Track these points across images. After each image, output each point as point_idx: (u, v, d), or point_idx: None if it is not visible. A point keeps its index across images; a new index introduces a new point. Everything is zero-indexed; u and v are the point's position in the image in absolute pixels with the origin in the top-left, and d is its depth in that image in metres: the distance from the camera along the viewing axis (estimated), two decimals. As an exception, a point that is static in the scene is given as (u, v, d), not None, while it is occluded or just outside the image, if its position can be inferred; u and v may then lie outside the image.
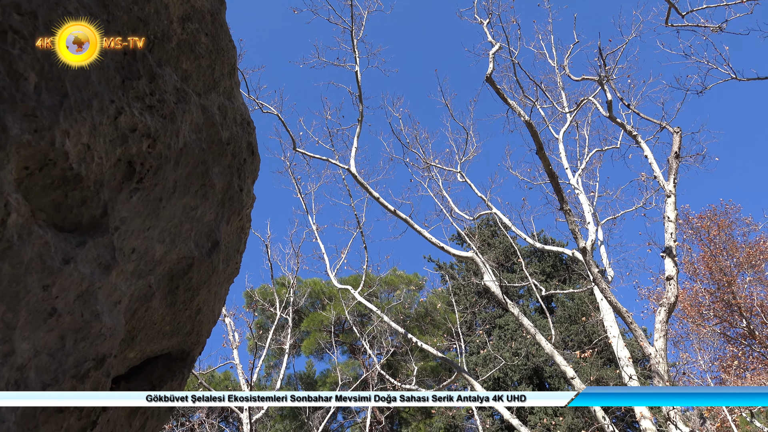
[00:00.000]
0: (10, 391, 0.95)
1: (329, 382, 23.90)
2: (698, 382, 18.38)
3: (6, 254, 0.91)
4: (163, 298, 1.43)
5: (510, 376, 20.84)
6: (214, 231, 1.55)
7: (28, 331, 0.98)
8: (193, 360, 1.69)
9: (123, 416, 1.40)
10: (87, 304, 1.09)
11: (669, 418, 9.28)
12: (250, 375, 13.67)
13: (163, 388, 1.53)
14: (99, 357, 1.14)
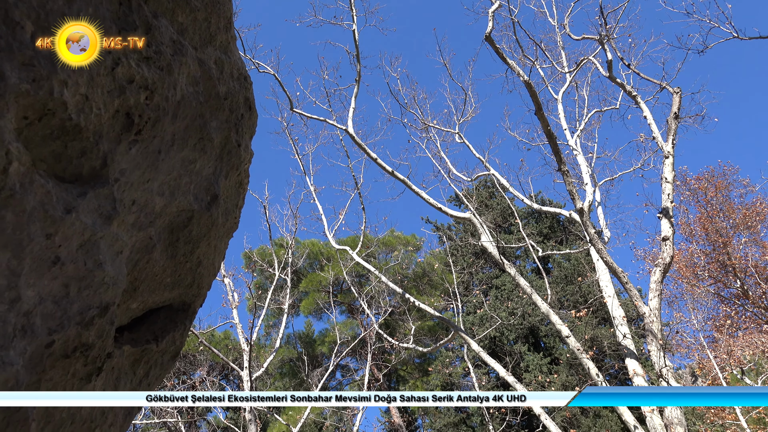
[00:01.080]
0: (18, 338, 0.98)
1: (328, 341, 24.25)
2: (691, 341, 18.69)
3: (8, 202, 0.92)
4: (164, 251, 1.46)
5: (506, 335, 21.15)
6: (213, 185, 1.57)
7: (33, 278, 1.00)
8: (195, 312, 1.73)
9: (127, 364, 1.44)
10: (89, 254, 1.11)
11: (661, 375, 9.47)
12: (250, 334, 13.83)
13: (165, 338, 1.56)
14: (103, 305, 1.16)
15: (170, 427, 13.56)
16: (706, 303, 21.33)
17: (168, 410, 16.22)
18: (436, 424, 22.55)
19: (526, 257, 25.19)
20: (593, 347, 17.09)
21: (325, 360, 25.07)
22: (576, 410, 17.08)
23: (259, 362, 20.73)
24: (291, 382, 24.68)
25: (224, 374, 24.06)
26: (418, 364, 25.39)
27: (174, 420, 14.15)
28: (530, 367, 19.45)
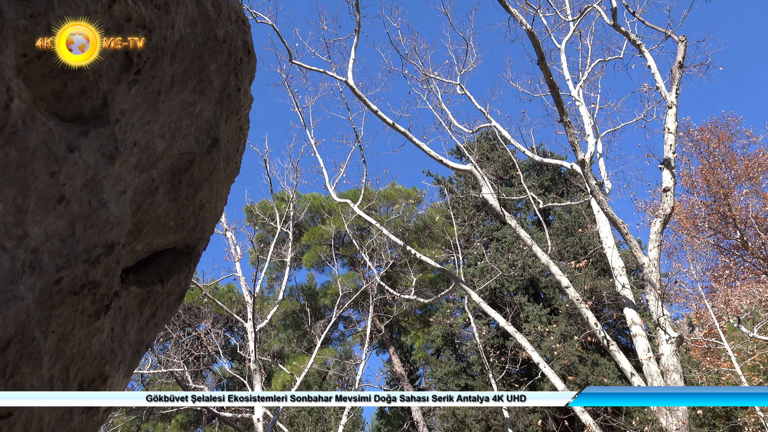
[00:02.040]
0: (27, 274, 1.00)
1: (330, 294, 24.54)
2: (689, 291, 18.90)
3: (12, 139, 0.93)
4: (167, 193, 1.47)
5: (506, 286, 21.38)
6: (214, 128, 1.57)
7: (39, 216, 1.02)
8: (198, 255, 1.75)
9: (134, 305, 1.47)
10: (93, 193, 1.13)
11: (659, 324, 9.61)
12: (253, 287, 13.97)
13: (171, 280, 1.59)
14: (108, 244, 1.18)
15: (177, 378, 13.84)
16: (705, 254, 21.48)
17: (174, 361, 16.57)
18: (437, 373, 23.02)
19: (527, 209, 25.25)
20: (592, 298, 17.29)
21: (328, 312, 25.44)
22: (574, 359, 17.41)
23: (263, 314, 21.04)
24: (294, 333, 25.11)
25: (228, 326, 24.45)
26: (419, 316, 25.77)
27: (180, 370, 14.44)
28: (530, 318, 19.74)
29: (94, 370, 1.28)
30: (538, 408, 18.16)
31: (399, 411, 27.20)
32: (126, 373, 1.46)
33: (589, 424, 10.03)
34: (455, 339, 23.49)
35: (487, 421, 19.64)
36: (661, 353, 9.30)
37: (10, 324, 0.94)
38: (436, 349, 24.47)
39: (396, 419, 27.10)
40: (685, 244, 21.52)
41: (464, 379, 21.99)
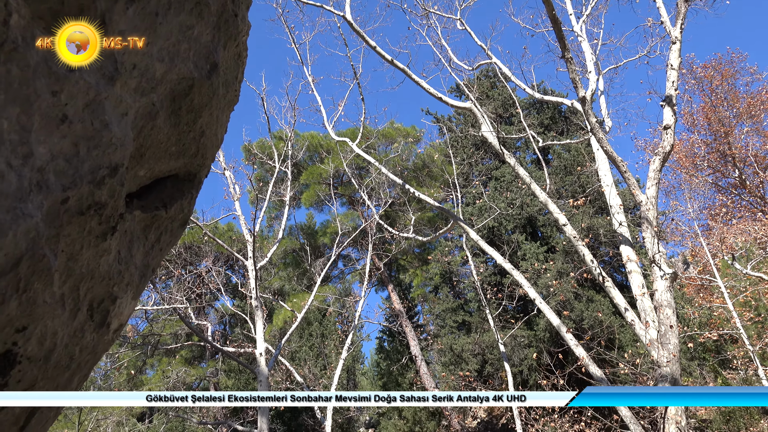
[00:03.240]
0: (34, 192, 1.01)
1: (329, 232, 24.74)
2: (685, 229, 19.07)
3: (13, 56, 0.93)
4: (167, 118, 1.47)
5: (504, 225, 21.53)
6: (212, 53, 1.56)
7: (43, 135, 1.03)
8: (200, 182, 1.77)
9: (139, 229, 1.50)
10: (95, 113, 1.13)
11: (654, 261, 9.74)
12: (253, 225, 14.03)
13: (174, 206, 1.62)
14: (112, 165, 1.20)
15: (180, 314, 14.11)
16: (703, 192, 21.57)
17: (176, 298, 16.86)
18: (435, 309, 23.48)
19: (526, 148, 25.15)
20: (589, 236, 17.46)
21: (327, 250, 25.71)
22: (570, 296, 17.72)
23: (263, 253, 21.27)
24: (294, 271, 25.44)
25: (229, 264, 24.76)
26: (417, 254, 26.07)
27: (183, 306, 14.71)
28: (527, 256, 19.97)
29: (103, 290, 1.32)
30: (533, 343, 18.63)
31: (398, 346, 27.89)
32: (134, 295, 1.51)
33: (583, 357, 10.32)
34: (453, 277, 23.83)
35: (484, 356, 20.17)
36: (655, 289, 9.46)
37: (20, 240, 0.96)
38: (434, 286, 24.87)
39: (395, 354, 27.82)
40: (684, 182, 21.58)
41: (461, 316, 22.45)
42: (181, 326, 20.76)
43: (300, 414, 24.86)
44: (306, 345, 25.86)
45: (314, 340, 26.39)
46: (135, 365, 22.39)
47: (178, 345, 19.20)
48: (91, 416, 17.76)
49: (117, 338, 1.46)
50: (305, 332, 27.12)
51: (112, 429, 22.01)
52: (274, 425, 23.08)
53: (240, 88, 1.89)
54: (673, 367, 8.68)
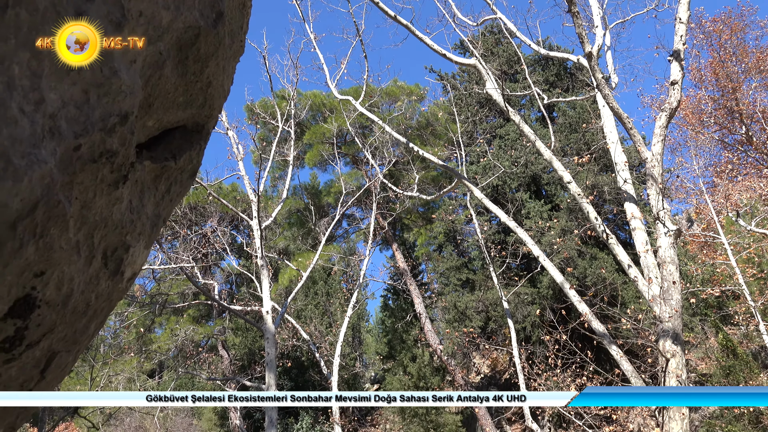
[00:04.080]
0: (47, 139, 1.03)
1: (333, 192, 24.77)
2: (690, 186, 19.02)
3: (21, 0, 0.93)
4: (174, 68, 1.47)
5: (508, 183, 21.51)
6: (217, 1, 1.54)
7: (54, 81, 1.03)
8: (208, 133, 1.78)
9: (149, 179, 1.51)
10: (104, 61, 1.13)
11: (658, 218, 9.75)
12: (257, 185, 14.05)
13: (183, 157, 1.63)
14: (122, 113, 1.20)
15: (187, 273, 14.25)
16: (709, 149, 21.44)
17: (183, 258, 17.00)
18: (438, 268, 23.66)
19: (531, 106, 24.91)
20: (593, 193, 17.43)
21: (331, 210, 25.77)
22: (573, 253, 17.82)
23: (267, 213, 21.34)
24: (299, 231, 25.58)
25: (234, 225, 24.89)
26: (421, 213, 26.13)
27: (190, 265, 14.85)
28: (531, 214, 20.01)
29: (116, 238, 1.34)
30: (537, 300, 18.82)
31: (402, 304, 28.22)
32: (146, 244, 1.53)
33: (585, 313, 10.43)
34: (457, 235, 23.93)
35: (487, 312, 20.42)
36: (659, 246, 9.49)
37: (36, 186, 0.98)
38: (438, 245, 25.01)
39: (399, 311, 28.17)
40: (690, 139, 21.41)
41: (465, 274, 22.64)
42: (188, 286, 21.00)
43: (307, 370, 25.36)
44: (311, 303, 26.20)
45: (319, 299, 26.72)
46: (144, 324, 22.75)
47: (186, 304, 19.44)
48: (103, 373, 18.16)
49: (131, 287, 1.49)
50: (311, 291, 27.43)
51: (123, 386, 22.52)
52: (281, 381, 23.57)
53: (245, 39, 1.88)
54: (674, 323, 8.78)
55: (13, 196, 0.95)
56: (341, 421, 15.55)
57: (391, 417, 23.23)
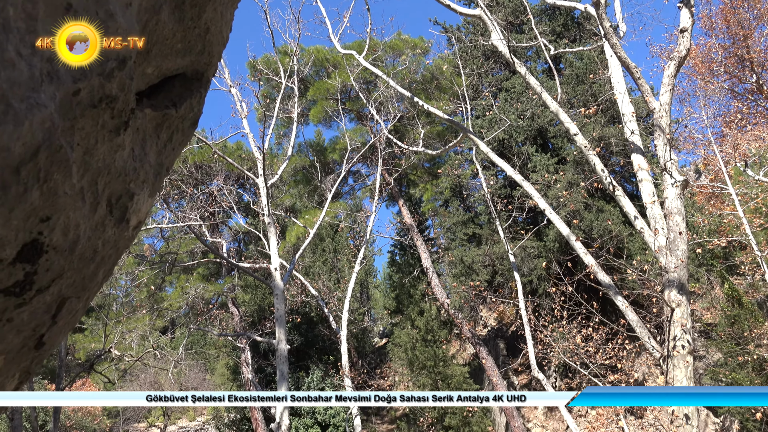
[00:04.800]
0: (46, 83, 1.02)
1: (338, 149, 24.67)
2: (698, 137, 18.82)
3: (13, -61, 0.92)
4: (171, 13, 1.45)
5: (514, 137, 21.35)
6: (213, -56, 1.52)
7: (49, 24, 1.02)
8: (208, 81, 1.77)
9: (151, 128, 1.51)
10: (100, 3, 1.12)
11: (665, 169, 9.70)
12: (262, 143, 14.01)
13: (183, 105, 1.62)
14: (120, 58, 1.20)
15: (195, 232, 14.36)
16: (718, 99, 21.12)
17: (190, 217, 17.09)
18: (445, 223, 23.73)
19: (537, 58, 24.50)
20: (600, 145, 17.30)
21: (337, 167, 25.71)
22: (580, 206, 17.80)
23: (273, 170, 21.33)
24: (305, 188, 25.59)
25: (240, 183, 24.90)
26: (427, 168, 26.04)
27: (198, 224, 14.95)
28: (537, 167, 19.91)
29: (120, 186, 1.35)
30: (543, 253, 18.90)
31: (409, 259, 28.42)
32: (150, 193, 1.54)
33: (591, 265, 10.49)
34: (463, 190, 23.91)
35: (494, 267, 20.55)
36: (666, 197, 9.47)
37: (37, 130, 0.98)
38: (445, 200, 25.03)
39: (406, 267, 28.38)
40: (699, 89, 21.08)
41: (472, 228, 22.70)
42: (197, 244, 21.19)
43: (316, 325, 25.75)
44: (319, 260, 26.43)
45: (327, 255, 26.94)
46: (154, 283, 23.06)
47: (195, 262, 19.67)
48: (116, 330, 18.53)
49: (136, 235, 1.51)
50: (318, 248, 27.63)
51: (137, 343, 22.98)
52: (291, 336, 23.98)
53: (243, -15, 1.85)
54: (680, 273, 8.83)
55: (15, 140, 0.95)
56: (351, 374, 15.85)
57: (400, 369, 23.68)
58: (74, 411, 27.50)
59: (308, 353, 25.68)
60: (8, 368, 1.32)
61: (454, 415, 16.86)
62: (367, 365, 25.37)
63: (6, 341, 1.23)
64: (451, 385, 17.90)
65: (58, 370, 13.95)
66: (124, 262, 21.06)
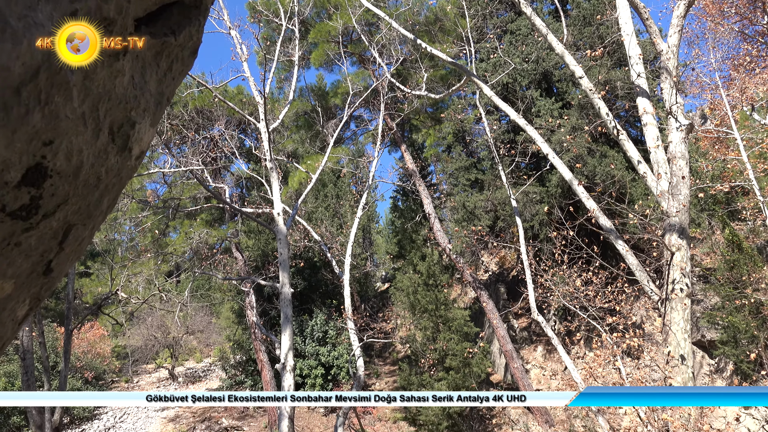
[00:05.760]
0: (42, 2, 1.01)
1: (340, 93, 24.36)
2: (706, 80, 18.53)
3: None
4: (167, -65, 1.42)
5: (519, 81, 21.03)
6: None
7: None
8: (207, 9, 1.73)
9: (150, 56, 1.50)
10: None
11: (671, 112, 9.60)
12: (263, 86, 13.82)
13: (182, 33, 1.60)
14: (117, -21, 1.18)
15: (197, 177, 14.35)
16: (727, 41, 20.67)
17: (193, 162, 17.06)
18: (447, 168, 23.67)
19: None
20: (606, 89, 17.06)
21: (339, 111, 25.47)
22: (583, 151, 17.69)
23: (275, 115, 21.15)
24: (307, 134, 25.43)
25: (242, 128, 24.75)
26: (430, 113, 25.79)
27: (200, 168, 14.93)
28: (541, 112, 19.70)
29: (121, 114, 1.35)
30: (545, 198, 18.92)
31: (411, 205, 28.51)
32: (152, 122, 1.54)
33: (593, 209, 10.52)
34: (466, 135, 23.75)
35: (496, 212, 20.61)
36: (670, 141, 9.42)
37: (35, 50, 0.98)
38: (447, 145, 24.88)
39: (409, 212, 28.52)
40: (708, 31, 20.60)
41: (474, 174, 22.66)
42: (200, 190, 21.23)
43: (319, 270, 26.06)
44: (322, 206, 26.53)
45: (329, 201, 27.02)
46: (158, 228, 23.22)
47: (198, 207, 19.73)
48: (122, 274, 18.78)
49: (139, 166, 1.52)
50: (320, 193, 27.69)
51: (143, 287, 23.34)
52: (295, 281, 24.30)
53: None
54: (681, 217, 8.87)
55: (15, 59, 0.95)
56: (354, 317, 16.12)
57: (402, 313, 24.08)
58: (84, 353, 28.19)
59: (311, 297, 26.10)
60: (18, 293, 1.35)
61: (455, 356, 17.22)
62: (369, 309, 25.80)
63: (15, 266, 1.26)
64: (452, 328, 18.22)
65: (66, 312, 14.22)
66: (128, 208, 21.18)
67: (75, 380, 24.99)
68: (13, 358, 23.66)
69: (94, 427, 23.46)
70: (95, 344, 29.67)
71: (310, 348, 23.07)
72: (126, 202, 20.37)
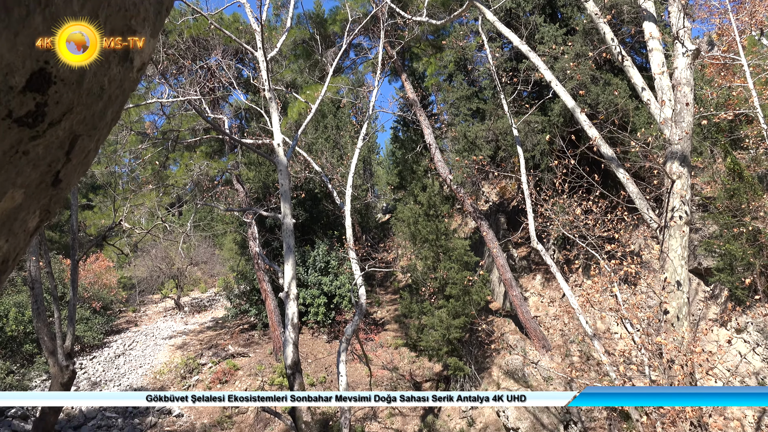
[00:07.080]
0: None
1: (339, 20, 23.74)
2: (715, 4, 17.98)
3: None
4: None
5: (522, 6, 20.45)
6: None
7: None
8: None
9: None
10: None
11: (677, 37, 9.40)
12: (260, 13, 13.45)
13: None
14: None
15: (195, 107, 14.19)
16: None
17: (190, 92, 16.83)
18: (448, 98, 23.35)
19: None
20: (612, 13, 16.60)
21: (338, 40, 24.89)
22: (587, 79, 17.39)
23: (272, 43, 20.70)
24: (306, 63, 24.96)
25: (239, 58, 24.25)
26: (431, 41, 25.21)
27: (197, 98, 14.74)
28: (545, 39, 19.25)
29: (121, 21, 1.34)
30: (547, 128, 18.76)
31: (412, 135, 28.32)
32: (151, 33, 1.52)
33: (595, 138, 10.46)
34: (468, 64, 23.31)
35: (497, 142, 20.49)
36: (675, 67, 9.27)
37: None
38: (449, 74, 24.46)
39: (409, 143, 28.36)
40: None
41: (476, 103, 22.38)
42: (199, 121, 21.03)
43: (320, 201, 26.17)
44: (322, 137, 26.34)
45: (330, 132, 26.81)
46: (158, 160, 23.16)
47: (197, 139, 19.61)
48: (125, 206, 18.88)
49: (140, 78, 1.52)
50: (320, 124, 27.45)
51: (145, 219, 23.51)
52: (296, 211, 24.46)
53: None
54: (684, 145, 8.83)
55: (12, -43, 0.94)
56: (355, 247, 16.32)
57: (403, 243, 24.35)
58: (90, 284, 28.71)
59: (313, 228, 26.33)
60: (28, 204, 1.38)
61: (455, 285, 17.53)
62: (370, 240, 26.09)
63: (24, 175, 1.28)
64: (452, 257, 18.46)
65: (71, 243, 14.38)
66: (127, 140, 21.06)
67: (83, 310, 25.55)
68: (22, 289, 24.13)
69: (105, 354, 24.20)
70: (101, 275, 30.16)
71: (313, 278, 23.46)
72: (125, 134, 20.24)
